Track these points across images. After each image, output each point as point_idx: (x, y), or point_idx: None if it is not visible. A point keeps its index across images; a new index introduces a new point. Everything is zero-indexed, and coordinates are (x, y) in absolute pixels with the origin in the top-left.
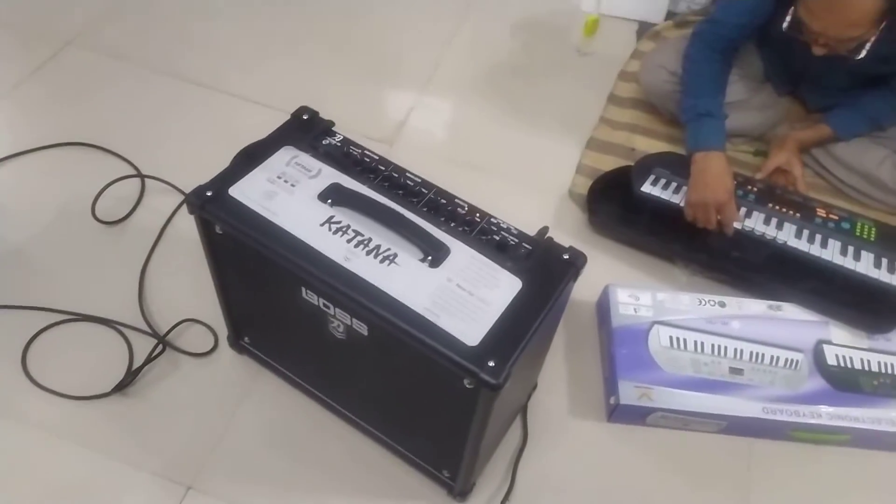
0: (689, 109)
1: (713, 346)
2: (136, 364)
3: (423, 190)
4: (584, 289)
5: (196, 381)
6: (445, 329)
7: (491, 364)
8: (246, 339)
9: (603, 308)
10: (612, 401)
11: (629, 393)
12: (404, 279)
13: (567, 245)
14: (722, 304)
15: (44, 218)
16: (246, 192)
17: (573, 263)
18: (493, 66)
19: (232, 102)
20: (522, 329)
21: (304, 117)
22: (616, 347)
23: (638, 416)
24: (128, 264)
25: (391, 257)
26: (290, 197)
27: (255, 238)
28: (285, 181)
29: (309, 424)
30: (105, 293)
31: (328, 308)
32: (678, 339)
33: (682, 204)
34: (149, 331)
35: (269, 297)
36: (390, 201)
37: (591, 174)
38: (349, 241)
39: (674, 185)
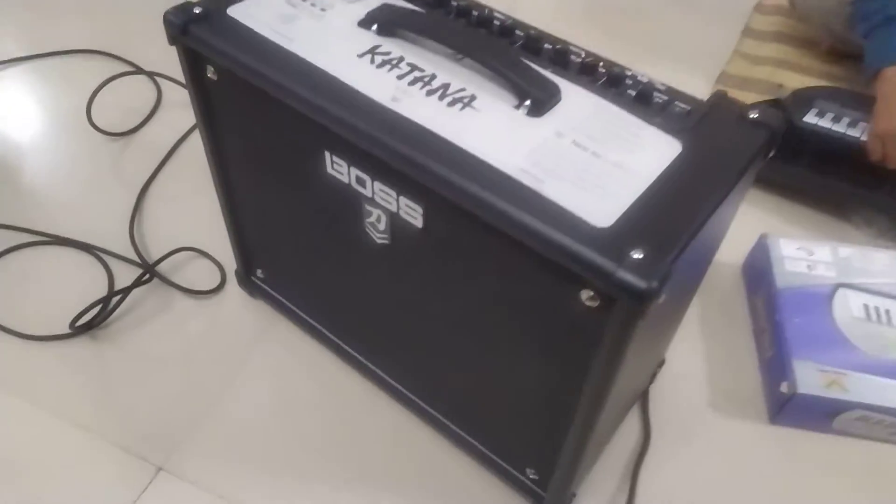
0: (873, 14)
1: None
2: (116, 301)
3: (519, 32)
4: (724, 250)
5: (190, 327)
6: (552, 199)
7: (636, 255)
8: (259, 272)
9: (757, 266)
10: (782, 389)
11: (810, 378)
12: (485, 130)
13: None
14: None
15: (32, 126)
16: (252, 12)
17: (766, 125)
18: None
19: None
20: (689, 209)
21: None
22: (784, 314)
23: (821, 414)
24: (126, 184)
25: (465, 100)
26: (316, 23)
27: (258, 71)
28: (312, 4)
29: (332, 395)
30: (92, 215)
31: (363, 186)
32: (878, 308)
33: (863, 138)
34: (136, 259)
35: (284, 184)
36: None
37: None
38: (400, 76)
39: (846, 119)
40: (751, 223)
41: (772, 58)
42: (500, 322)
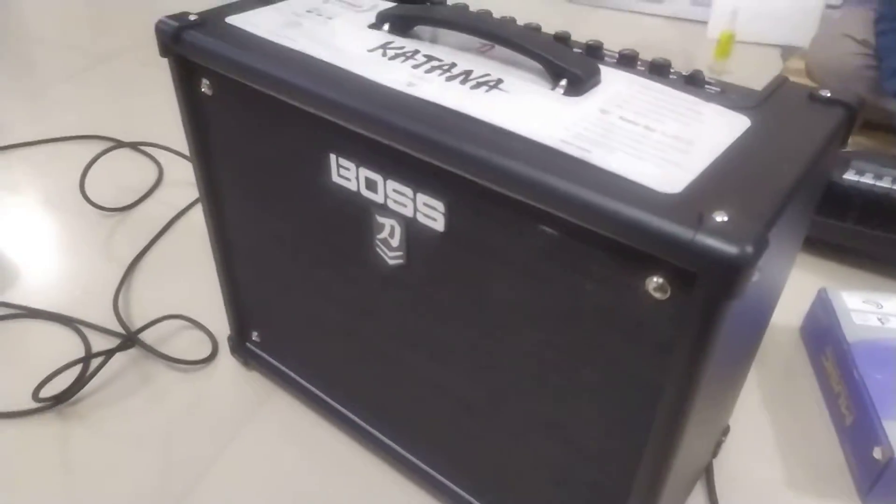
0: None
1: None
2: (91, 370)
3: (545, 30)
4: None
5: (173, 402)
6: (603, 166)
7: (720, 218)
8: (254, 334)
9: (820, 324)
10: (876, 455)
11: None
12: (517, 108)
13: None
14: None
15: (25, 203)
16: (253, 20)
17: (843, 103)
18: None
19: None
20: (774, 176)
21: None
22: (863, 370)
23: None
24: (116, 258)
25: (491, 83)
26: (321, 26)
27: (258, 69)
28: (319, 14)
29: (335, 476)
30: (74, 287)
31: (373, 191)
32: None
33: None
34: (117, 329)
35: (284, 208)
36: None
37: None
38: (416, 66)
39: (888, 177)
40: (804, 287)
41: None
42: (542, 343)
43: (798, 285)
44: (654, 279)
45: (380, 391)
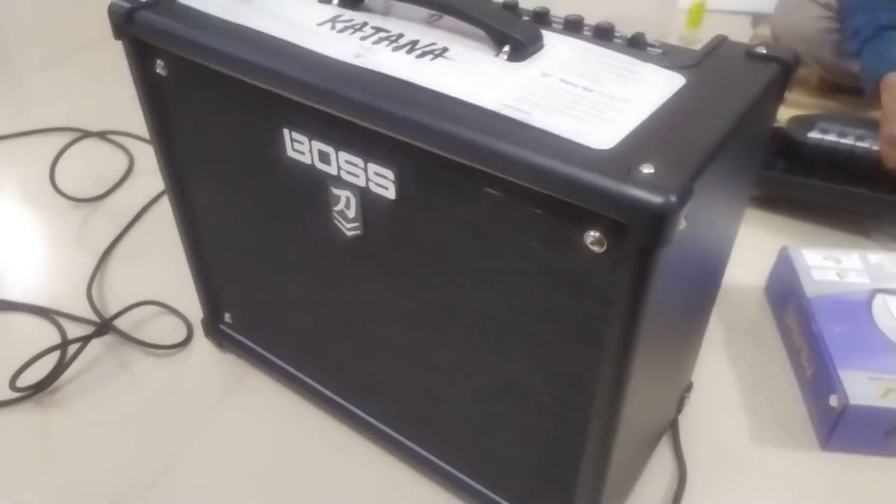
0: (862, 28)
1: None
2: (68, 358)
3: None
4: (742, 272)
5: (150, 386)
6: (542, 127)
7: (646, 170)
8: (227, 315)
9: (782, 281)
10: (832, 403)
11: (862, 388)
12: (461, 75)
13: None
14: None
15: None
16: (205, 0)
17: (778, 59)
18: None
19: None
20: (702, 130)
21: None
22: (821, 324)
23: (879, 432)
24: (89, 248)
25: (436, 52)
26: (273, 2)
27: (209, 46)
28: None
29: (311, 449)
30: (48, 279)
31: (327, 163)
32: None
33: (874, 147)
34: (92, 318)
35: (243, 184)
36: None
37: None
38: (364, 38)
39: (851, 136)
40: (769, 247)
41: None
42: (496, 302)
43: (763, 246)
44: (591, 233)
45: (350, 363)
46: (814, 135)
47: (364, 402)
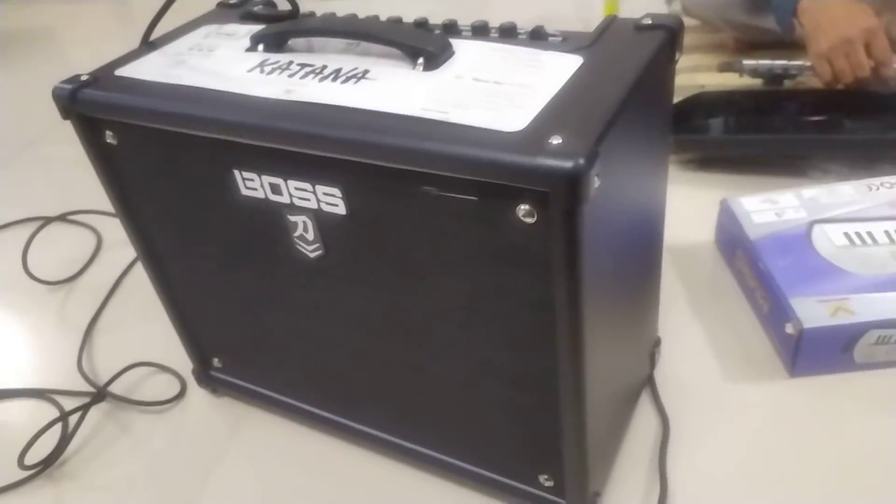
0: None
1: None
2: (70, 429)
3: (404, 19)
4: (691, 231)
5: (154, 442)
6: (460, 122)
7: (555, 142)
8: (215, 360)
9: (727, 230)
10: (788, 330)
11: (813, 311)
12: (383, 91)
13: None
14: None
15: None
16: (140, 68)
17: (664, 26)
18: None
19: None
20: (600, 100)
21: (232, 2)
22: (767, 261)
23: (837, 349)
24: (71, 325)
25: (359, 75)
26: (204, 60)
27: (151, 109)
28: (200, 50)
29: (317, 469)
30: (37, 361)
31: (279, 194)
32: (860, 233)
33: (806, 63)
34: (87, 389)
35: (206, 231)
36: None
37: None
38: (291, 75)
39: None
40: (711, 202)
41: (688, 66)
42: (454, 290)
43: (708, 204)
44: (522, 206)
45: (337, 378)
46: (749, 62)
47: (358, 414)
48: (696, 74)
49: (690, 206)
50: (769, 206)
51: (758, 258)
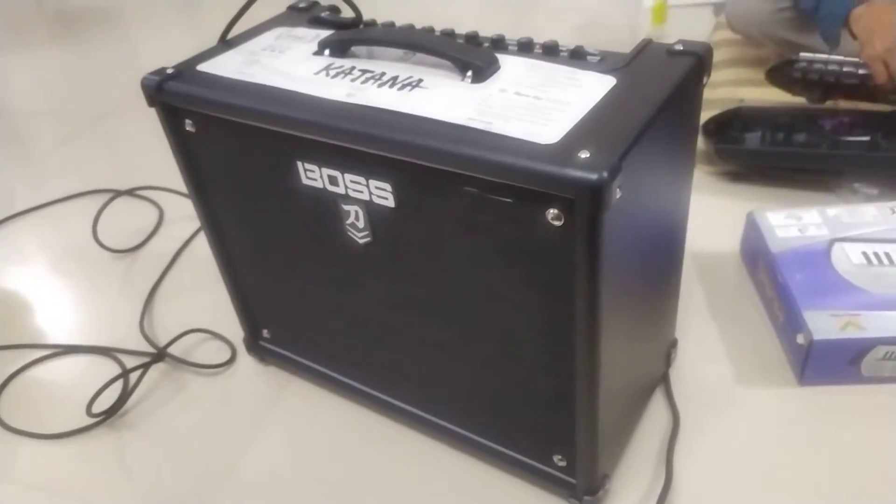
0: None
1: None
2: (132, 384)
3: (458, 32)
4: (718, 240)
5: (205, 402)
6: (501, 133)
7: (583, 155)
8: (265, 331)
9: (752, 242)
10: (799, 341)
11: (824, 324)
12: (434, 100)
13: None
14: None
15: (48, 258)
16: (219, 64)
17: (693, 53)
18: None
19: None
20: (629, 118)
21: (302, 6)
22: (786, 274)
23: (845, 362)
24: (134, 292)
25: (413, 84)
26: (275, 60)
27: (228, 103)
28: (272, 50)
29: (352, 439)
30: (104, 322)
31: (336, 185)
32: (878, 253)
33: (859, 71)
34: (147, 349)
35: (268, 213)
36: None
37: None
38: (353, 79)
39: (833, 63)
40: (740, 214)
41: (729, 80)
42: (488, 280)
43: (736, 215)
44: (551, 211)
45: (376, 355)
46: (800, 65)
47: (393, 389)
48: (736, 88)
49: (720, 216)
50: (793, 221)
51: (777, 270)
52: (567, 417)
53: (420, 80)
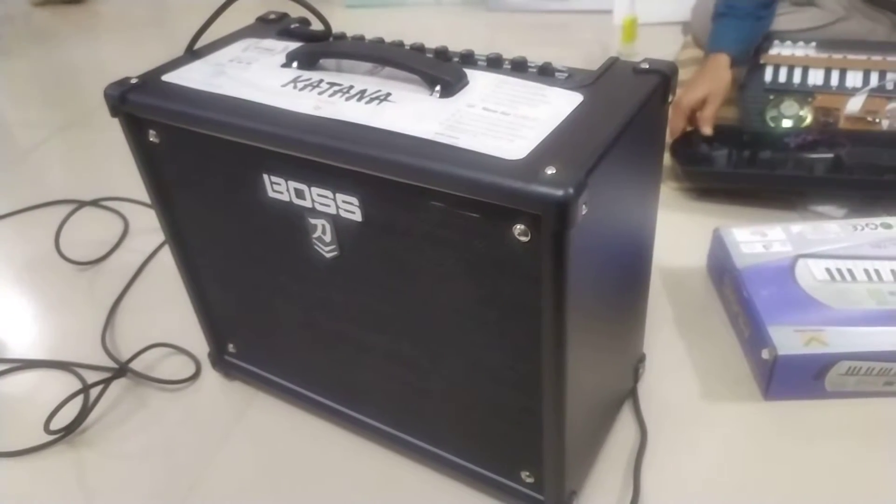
0: (717, 5)
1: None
2: (92, 400)
3: (427, 46)
4: (685, 256)
5: (168, 418)
6: (467, 148)
7: (549, 171)
8: (230, 346)
9: (718, 258)
10: (764, 356)
11: (788, 339)
12: (402, 114)
13: None
14: (888, 226)
15: (8, 270)
16: (184, 75)
17: (658, 71)
18: None
19: None
20: (595, 135)
21: (271, 17)
22: (751, 290)
23: (809, 377)
24: (97, 304)
25: (381, 97)
26: (242, 72)
27: (193, 115)
28: (239, 62)
29: (316, 455)
30: (64, 336)
31: (302, 198)
32: (841, 269)
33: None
34: (109, 364)
35: (233, 225)
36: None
37: None
38: (321, 92)
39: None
40: (707, 231)
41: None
42: (454, 295)
43: (703, 232)
44: (518, 226)
45: (343, 371)
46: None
47: (360, 405)
48: None
49: (687, 232)
50: (758, 238)
51: (742, 286)
52: (534, 433)
53: (388, 95)
